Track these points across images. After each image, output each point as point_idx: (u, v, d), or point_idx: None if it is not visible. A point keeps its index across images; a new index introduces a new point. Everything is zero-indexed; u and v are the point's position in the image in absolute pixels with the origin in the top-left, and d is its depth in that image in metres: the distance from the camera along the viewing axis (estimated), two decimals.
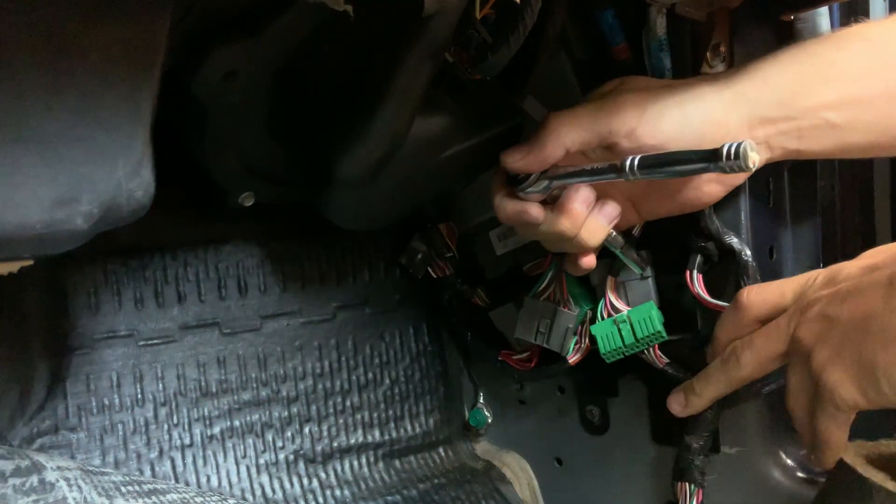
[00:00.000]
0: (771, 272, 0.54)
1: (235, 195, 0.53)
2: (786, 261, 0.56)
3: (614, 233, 0.50)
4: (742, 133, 0.44)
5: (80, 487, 0.36)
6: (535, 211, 0.48)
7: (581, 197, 0.47)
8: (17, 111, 0.28)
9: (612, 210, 0.48)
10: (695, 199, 0.48)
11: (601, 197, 0.48)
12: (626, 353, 0.56)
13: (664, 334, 0.54)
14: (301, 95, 0.47)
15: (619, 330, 0.54)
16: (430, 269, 0.72)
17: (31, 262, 0.32)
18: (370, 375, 0.69)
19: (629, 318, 0.54)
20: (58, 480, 0.36)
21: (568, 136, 0.45)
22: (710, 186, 0.47)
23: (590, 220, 0.47)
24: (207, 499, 0.41)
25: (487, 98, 0.54)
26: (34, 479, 0.35)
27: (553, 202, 0.48)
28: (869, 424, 0.49)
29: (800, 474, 0.54)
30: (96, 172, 0.30)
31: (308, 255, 0.68)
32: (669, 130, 0.44)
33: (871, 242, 0.60)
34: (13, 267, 0.31)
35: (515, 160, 0.47)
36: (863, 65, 0.45)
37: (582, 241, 0.48)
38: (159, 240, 0.61)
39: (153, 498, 0.38)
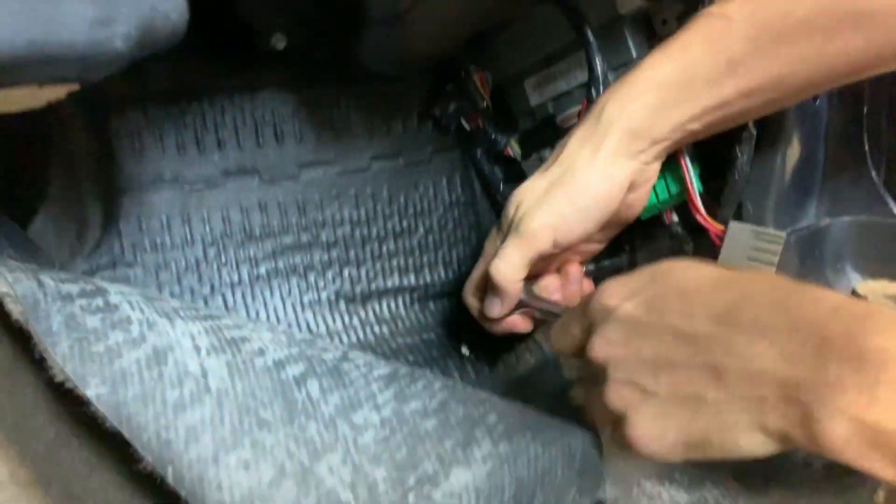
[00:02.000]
0: (812, 114, 0.53)
1: (267, 37, 0.53)
2: (830, 102, 0.55)
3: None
4: (624, 174, 0.48)
5: (142, 309, 0.39)
6: (523, 324, 0.55)
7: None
8: None
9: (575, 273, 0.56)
10: (632, 215, 0.54)
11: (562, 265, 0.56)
12: (661, 209, 0.56)
13: (699, 187, 0.54)
14: None
15: (654, 186, 0.54)
16: (463, 121, 0.72)
17: (69, 96, 0.33)
18: (405, 224, 0.71)
19: (664, 173, 0.54)
20: (121, 302, 0.39)
21: (515, 275, 0.50)
22: (636, 204, 0.52)
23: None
24: (258, 325, 0.44)
25: None
26: (99, 301, 0.38)
27: None
28: None
29: None
30: None
31: (341, 104, 0.68)
32: (579, 230, 0.49)
33: None
34: (61, 92, 0.32)
35: (495, 313, 0.53)
36: (708, 76, 0.44)
37: None
38: (196, 85, 0.61)
39: (209, 321, 0.41)
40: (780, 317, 0.33)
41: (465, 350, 0.69)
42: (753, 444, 0.33)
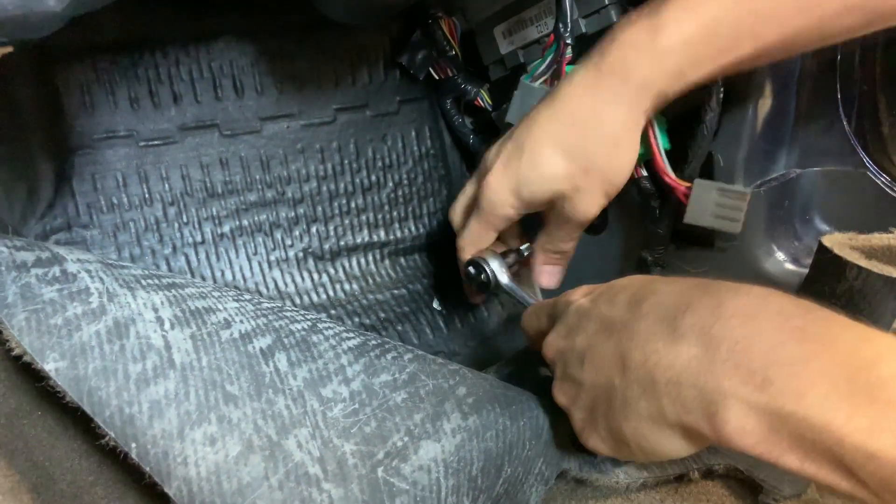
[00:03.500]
0: (785, 63, 0.52)
1: None
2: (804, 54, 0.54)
3: None
4: (638, 120, 0.45)
5: (101, 279, 0.37)
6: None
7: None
8: None
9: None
10: None
11: None
12: None
13: (666, 145, 0.53)
14: None
15: None
16: (431, 70, 0.70)
17: (10, 50, 0.31)
18: (373, 178, 0.70)
19: None
20: (79, 272, 0.37)
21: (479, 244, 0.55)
22: None
23: None
24: (224, 293, 0.42)
25: None
26: (56, 270, 0.36)
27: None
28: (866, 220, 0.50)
29: (789, 266, 0.56)
30: None
31: (304, 54, 0.65)
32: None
33: None
34: None
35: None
36: (730, 34, 0.42)
37: None
38: (147, 35, 0.58)
39: (172, 291, 0.39)
40: (678, 299, 0.31)
41: (436, 304, 0.68)
42: (662, 440, 0.32)
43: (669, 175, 0.53)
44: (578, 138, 0.45)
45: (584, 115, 0.45)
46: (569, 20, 0.55)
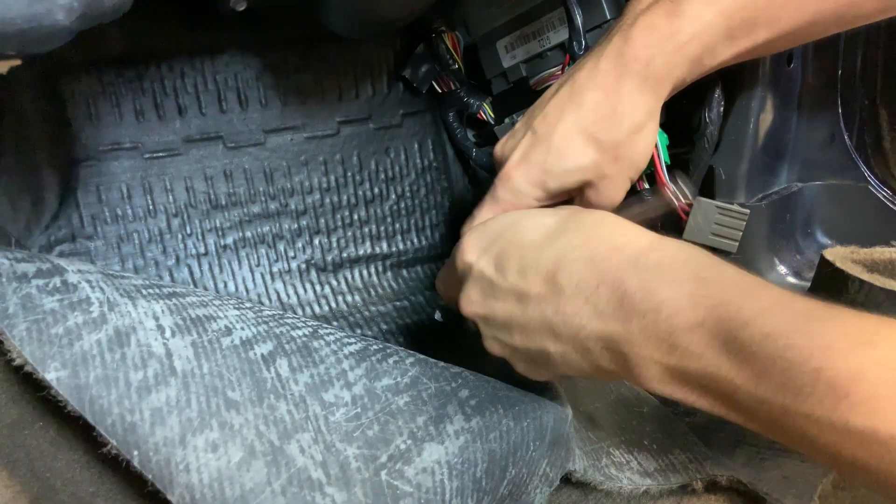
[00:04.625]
0: (787, 78, 0.52)
1: None
2: (804, 65, 0.54)
3: None
4: (658, 106, 0.46)
5: (102, 289, 0.38)
6: None
7: None
8: None
9: None
10: None
11: None
12: None
13: (667, 159, 0.54)
14: None
15: None
16: (434, 83, 0.70)
17: (19, 63, 0.31)
18: (376, 190, 0.70)
19: None
20: (80, 282, 0.37)
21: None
22: None
23: None
24: (225, 301, 0.43)
25: None
26: (57, 280, 0.37)
27: None
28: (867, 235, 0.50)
29: (791, 280, 0.56)
30: None
31: (307, 67, 0.65)
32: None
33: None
34: (3, 68, 0.31)
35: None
36: (746, 18, 0.43)
37: None
38: (153, 48, 0.59)
39: (173, 300, 0.39)
40: (589, 273, 0.36)
41: (438, 316, 0.68)
42: (603, 378, 0.38)
43: (671, 190, 0.53)
44: (605, 129, 0.46)
45: (610, 107, 0.46)
46: (582, 39, 0.56)
